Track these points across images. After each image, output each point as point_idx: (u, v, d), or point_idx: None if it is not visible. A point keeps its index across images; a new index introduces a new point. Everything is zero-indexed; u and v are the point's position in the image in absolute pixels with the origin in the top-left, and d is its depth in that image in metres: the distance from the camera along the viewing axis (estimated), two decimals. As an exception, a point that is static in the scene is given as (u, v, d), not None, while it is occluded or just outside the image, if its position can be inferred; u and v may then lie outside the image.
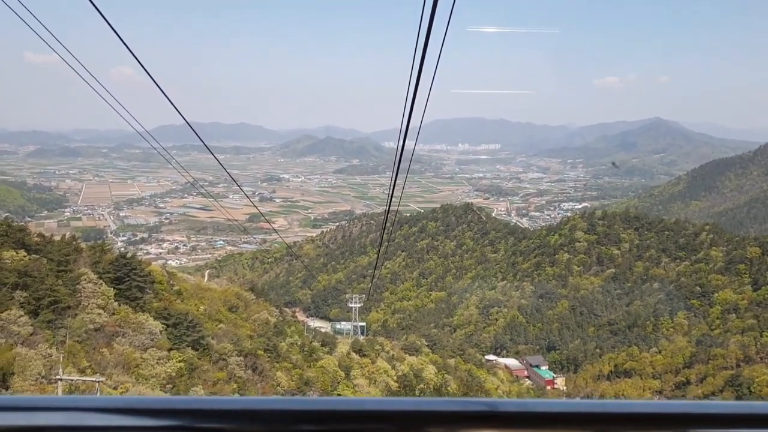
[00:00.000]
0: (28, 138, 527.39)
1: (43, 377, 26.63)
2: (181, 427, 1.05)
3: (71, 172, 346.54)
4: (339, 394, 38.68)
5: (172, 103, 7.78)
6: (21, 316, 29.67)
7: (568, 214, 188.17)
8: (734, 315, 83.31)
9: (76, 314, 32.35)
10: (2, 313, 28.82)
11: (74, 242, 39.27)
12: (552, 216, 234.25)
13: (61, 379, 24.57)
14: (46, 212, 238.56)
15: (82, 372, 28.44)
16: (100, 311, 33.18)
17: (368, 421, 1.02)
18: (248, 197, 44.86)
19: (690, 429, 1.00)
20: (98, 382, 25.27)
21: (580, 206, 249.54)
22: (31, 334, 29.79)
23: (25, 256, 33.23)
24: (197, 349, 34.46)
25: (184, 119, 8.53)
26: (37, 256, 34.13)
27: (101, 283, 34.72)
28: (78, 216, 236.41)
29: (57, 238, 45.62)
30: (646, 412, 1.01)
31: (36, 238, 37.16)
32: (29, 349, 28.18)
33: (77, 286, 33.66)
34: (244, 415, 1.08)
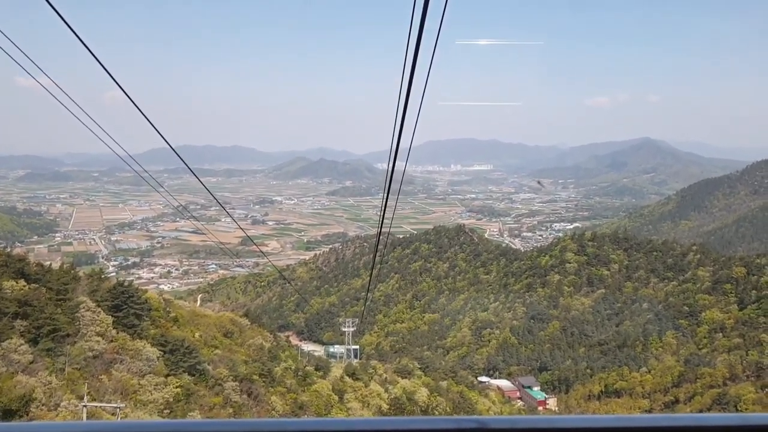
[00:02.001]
0: (18, 162, 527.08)
1: (43, 404, 27.36)
2: None
3: (62, 196, 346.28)
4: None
5: (154, 127, 7.92)
6: (21, 344, 30.32)
7: (560, 234, 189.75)
8: (721, 334, 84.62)
9: (75, 342, 33.04)
10: (3, 342, 29.53)
11: (72, 271, 40.10)
12: (544, 236, 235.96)
13: (86, 406, 25.58)
14: (36, 237, 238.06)
15: (80, 399, 29.20)
16: (99, 339, 33.88)
17: None
18: (236, 222, 45.40)
19: None
20: (119, 408, 26.30)
21: (571, 226, 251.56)
22: (31, 362, 30.42)
23: (24, 286, 33.93)
24: (194, 375, 35.19)
25: (166, 141, 8.38)
26: (37, 285, 34.84)
27: (99, 311, 35.46)
28: (69, 241, 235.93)
29: (49, 263, 46.53)
30: (634, 426, 1.00)
31: (35, 267, 37.93)
32: (29, 377, 28.92)
33: (76, 314, 34.39)
34: None
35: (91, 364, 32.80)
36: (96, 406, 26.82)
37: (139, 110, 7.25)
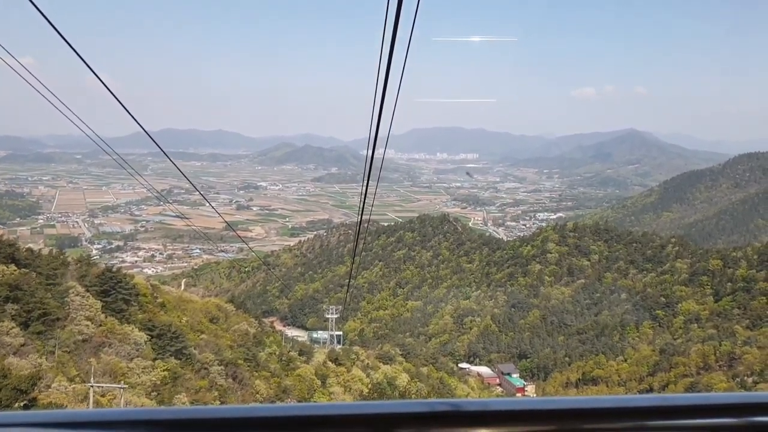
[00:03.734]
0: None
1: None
2: None
3: (44, 178, 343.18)
4: (314, 401, 40.60)
5: (127, 111, 7.82)
6: (13, 327, 31.10)
7: (543, 224, 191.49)
8: (696, 325, 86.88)
9: (64, 326, 33.83)
10: (-5, 324, 30.33)
11: (61, 256, 40.81)
12: (527, 226, 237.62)
13: (92, 386, 26.57)
14: (18, 219, 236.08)
15: (71, 381, 30.11)
16: (88, 323, 34.72)
17: (341, 425, 1.03)
18: (216, 210, 46.16)
19: (648, 421, 1.05)
20: (122, 388, 27.39)
21: (555, 216, 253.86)
22: (22, 345, 31.22)
23: (15, 270, 34.61)
24: (180, 359, 36.13)
25: (141, 126, 8.28)
26: (27, 270, 35.57)
27: (88, 296, 36.26)
28: (52, 223, 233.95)
29: (39, 249, 47.14)
30: (605, 407, 1.06)
31: (24, 253, 38.60)
32: (20, 359, 29.77)
33: (65, 298, 35.18)
34: (224, 423, 1.08)
35: (81, 348, 33.63)
36: (102, 386, 27.83)
37: (113, 94, 7.22)
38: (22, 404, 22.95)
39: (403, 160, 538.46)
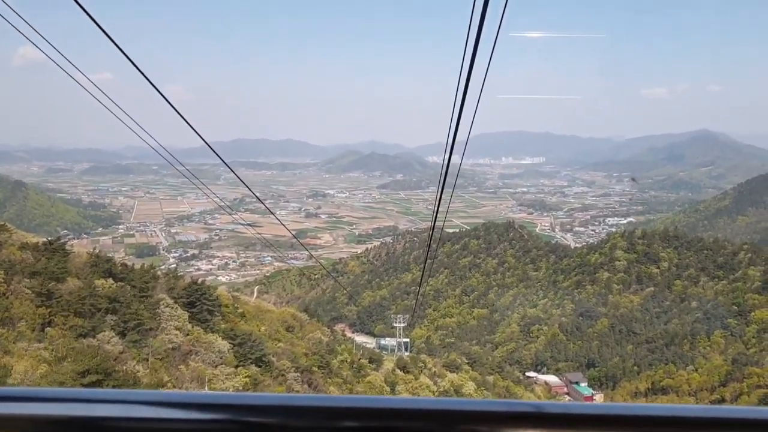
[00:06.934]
0: (82, 155, 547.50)
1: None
2: (227, 420, 1.11)
3: (123, 189, 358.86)
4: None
5: (190, 125, 7.73)
6: (112, 336, 34.52)
7: (613, 229, 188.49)
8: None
9: (156, 335, 37.07)
10: (99, 334, 33.76)
11: (152, 270, 44.37)
12: (597, 231, 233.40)
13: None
14: (100, 229, 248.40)
15: (164, 386, 33.21)
16: (177, 332, 37.90)
17: (413, 418, 1.04)
18: (279, 220, 48.86)
19: None
20: None
21: (625, 221, 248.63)
22: (121, 352, 34.64)
23: (112, 284, 38.23)
24: (260, 366, 38.88)
25: (202, 138, 8.22)
26: (122, 284, 39.15)
27: (177, 307, 39.53)
28: (131, 233, 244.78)
29: (111, 255, 51.07)
30: (689, 416, 1.02)
31: (120, 267, 42.32)
32: (121, 365, 33.10)
33: (156, 310, 38.49)
34: (288, 410, 1.08)
35: (171, 355, 36.72)
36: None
37: (174, 108, 7.23)
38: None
39: (469, 165, 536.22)
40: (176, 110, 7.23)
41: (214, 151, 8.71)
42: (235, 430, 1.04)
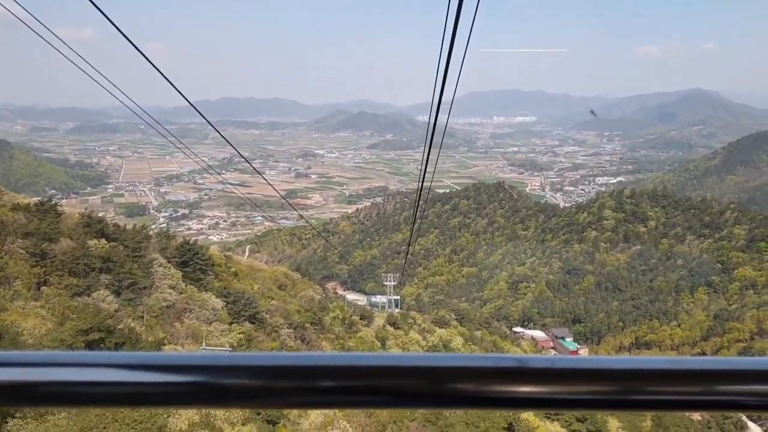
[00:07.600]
0: (66, 114, 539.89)
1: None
2: (202, 382, 0.93)
3: (111, 148, 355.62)
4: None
5: (173, 85, 7.69)
6: (108, 295, 35.15)
7: (603, 188, 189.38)
8: (752, 291, 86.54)
9: (150, 293, 37.76)
10: (94, 293, 34.39)
11: (144, 230, 44.85)
12: (586, 190, 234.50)
13: (204, 349, 30.74)
14: (89, 189, 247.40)
15: (161, 342, 34.07)
16: (171, 291, 38.58)
17: (402, 375, 1.03)
18: (267, 181, 49.27)
19: (717, 386, 1.02)
20: (228, 350, 31.57)
21: (615, 180, 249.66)
22: (116, 311, 35.33)
23: (105, 244, 38.69)
24: (253, 323, 39.79)
25: (185, 98, 8.18)
26: (115, 244, 39.64)
27: (170, 267, 40.19)
28: (120, 192, 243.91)
29: (101, 215, 51.19)
30: (670, 369, 1.05)
31: (112, 227, 42.75)
32: (116, 322, 33.84)
33: (150, 269, 39.10)
34: (268, 370, 0.98)
35: (165, 313, 37.46)
36: (212, 349, 31.64)
37: (156, 68, 7.10)
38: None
39: (459, 124, 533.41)
40: (158, 69, 7.10)
41: (199, 112, 8.57)
42: (212, 393, 0.99)
